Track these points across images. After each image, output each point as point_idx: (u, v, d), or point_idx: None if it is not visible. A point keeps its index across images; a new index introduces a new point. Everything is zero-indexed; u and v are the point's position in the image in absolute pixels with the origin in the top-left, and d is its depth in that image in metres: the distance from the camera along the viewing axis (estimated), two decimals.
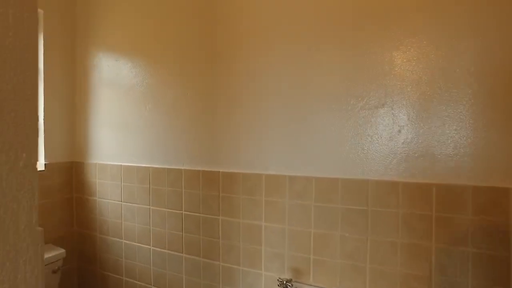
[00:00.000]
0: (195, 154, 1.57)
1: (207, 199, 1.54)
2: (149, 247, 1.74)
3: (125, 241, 1.83)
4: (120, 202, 1.82)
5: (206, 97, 1.54)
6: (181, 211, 1.62)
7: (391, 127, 1.20)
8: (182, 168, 1.60)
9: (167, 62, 1.64)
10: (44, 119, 1.88)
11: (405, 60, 1.17)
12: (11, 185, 0.56)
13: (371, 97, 1.22)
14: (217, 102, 1.51)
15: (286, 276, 1.37)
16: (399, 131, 1.18)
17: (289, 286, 1.25)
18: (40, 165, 1.91)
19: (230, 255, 1.51)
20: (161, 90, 1.66)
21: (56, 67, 1.93)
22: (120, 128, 1.81)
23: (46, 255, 1.73)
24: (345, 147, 1.26)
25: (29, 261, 0.60)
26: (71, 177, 2.02)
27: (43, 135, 1.89)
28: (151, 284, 1.76)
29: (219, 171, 1.51)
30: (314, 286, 1.33)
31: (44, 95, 1.88)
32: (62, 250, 1.80)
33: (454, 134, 1.11)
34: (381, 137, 1.21)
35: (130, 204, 1.78)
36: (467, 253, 1.09)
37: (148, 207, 1.72)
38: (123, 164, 1.80)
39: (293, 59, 1.35)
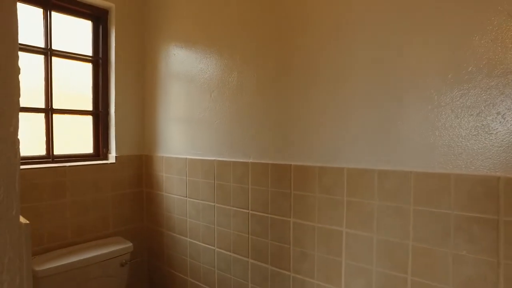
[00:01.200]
0: (264, 145, 1.36)
1: (276, 197, 1.32)
2: (213, 248, 1.58)
3: (190, 239, 1.70)
4: (185, 198, 1.71)
5: (275, 80, 1.32)
6: (248, 210, 1.42)
7: None
8: (249, 161, 1.41)
9: (233, 47, 1.48)
10: (115, 112, 1.88)
11: None
12: None
13: (501, 60, 0.86)
14: (288, 84, 1.28)
15: None
16: None
17: None
18: (111, 157, 1.91)
19: (303, 265, 1.25)
20: (226, 76, 1.50)
21: (127, 60, 1.93)
22: (185, 120, 1.71)
23: (114, 248, 1.69)
24: (459, 130, 0.92)
25: (7, 268, 0.44)
26: (141, 171, 1.99)
27: (114, 128, 1.89)
28: None
29: (291, 164, 1.27)
30: None
31: (115, 89, 1.88)
32: (130, 244, 1.75)
33: None
34: None
35: (195, 200, 1.65)
36: None
37: (213, 204, 1.56)
38: (188, 157, 1.69)
39: (379, 22, 1.06)
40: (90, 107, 1.91)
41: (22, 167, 1.51)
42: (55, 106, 1.74)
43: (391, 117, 1.04)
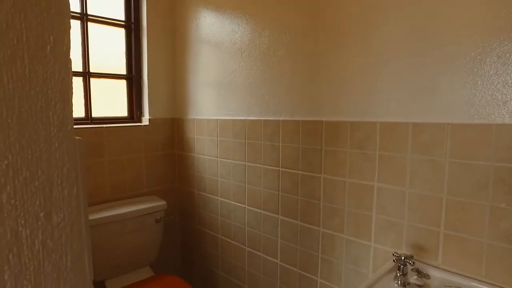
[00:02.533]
0: (294, 102, 1.36)
1: (307, 153, 1.33)
2: (244, 206, 1.63)
3: (220, 198, 1.76)
4: (216, 158, 1.75)
5: (306, 36, 1.30)
6: (278, 168, 1.44)
7: None
8: (280, 119, 1.41)
9: (264, 6, 1.45)
10: (147, 76, 1.93)
11: None
12: (37, 73, 0.44)
13: None
14: (319, 40, 1.26)
15: (404, 251, 1.07)
16: None
17: (409, 263, 0.96)
18: (145, 120, 1.97)
19: (333, 220, 1.27)
20: (257, 35, 1.48)
21: (158, 25, 1.95)
22: (216, 81, 1.72)
23: (149, 205, 1.78)
24: (505, 77, 0.88)
25: (66, 178, 0.48)
26: (173, 133, 2.05)
27: (146, 92, 1.94)
28: (245, 246, 1.65)
29: (322, 120, 1.27)
30: (444, 270, 1.01)
31: (147, 53, 1.92)
32: (164, 202, 1.84)
33: None
34: None
35: (226, 160, 1.69)
36: None
37: (244, 163, 1.60)
38: (219, 118, 1.72)
39: None
40: (123, 72, 1.96)
41: None
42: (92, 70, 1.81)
43: (427, 67, 1.00)
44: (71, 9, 1.72)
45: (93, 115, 1.83)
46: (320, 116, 1.27)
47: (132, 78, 1.97)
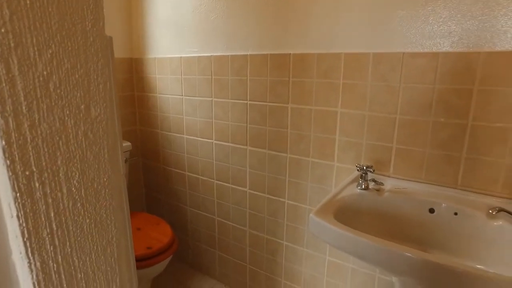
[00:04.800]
0: (262, 37, 1.40)
1: (275, 86, 1.41)
2: (211, 141, 1.70)
3: (186, 136, 1.80)
4: (181, 97, 1.77)
5: None
6: (246, 101, 1.51)
7: None
8: (248, 53, 1.46)
9: None
10: None
11: None
12: None
13: None
14: None
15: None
16: None
17: (370, 171, 1.14)
18: None
19: (299, 146, 1.41)
20: None
21: None
22: (179, 17, 1.68)
23: None
24: (447, 10, 1.02)
25: (101, 73, 0.51)
26: (132, 74, 1.99)
27: None
28: (213, 179, 1.75)
29: (290, 53, 1.34)
30: (395, 177, 1.21)
31: None
32: (128, 143, 1.83)
33: None
34: None
35: (191, 97, 1.72)
36: None
37: (210, 99, 1.64)
38: (183, 56, 1.70)
39: None
40: None
41: None
42: None
43: (387, 1, 1.11)
44: None
45: None
46: (287, 49, 1.35)
47: None
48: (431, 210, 1.07)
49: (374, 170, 1.15)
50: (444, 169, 1.12)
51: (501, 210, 0.93)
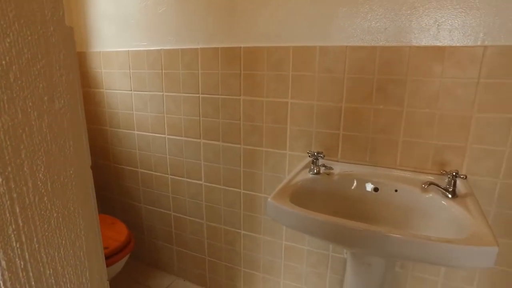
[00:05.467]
0: (212, 30, 1.42)
1: (227, 79, 1.44)
2: (164, 136, 1.68)
3: (137, 132, 1.76)
4: (130, 92, 1.72)
5: None
6: (198, 95, 1.52)
7: None
8: (198, 47, 1.46)
9: None
10: None
11: None
12: None
13: None
14: None
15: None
16: None
17: (321, 157, 1.22)
18: None
19: (252, 137, 1.45)
20: None
21: None
22: (125, 10, 1.62)
23: None
24: (383, 8, 1.13)
25: (63, 64, 0.50)
26: None
27: None
28: (168, 174, 1.74)
29: (240, 47, 1.38)
30: (343, 162, 1.31)
31: None
32: None
33: None
34: None
35: (141, 92, 1.68)
36: None
37: (161, 93, 1.62)
38: (130, 49, 1.65)
39: None
40: None
41: None
42: None
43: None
44: None
45: None
46: (238, 42, 1.38)
47: None
48: (375, 189, 1.18)
49: (324, 156, 1.23)
50: (385, 151, 1.24)
51: (431, 183, 1.07)
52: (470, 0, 1.03)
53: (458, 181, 1.08)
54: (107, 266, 1.35)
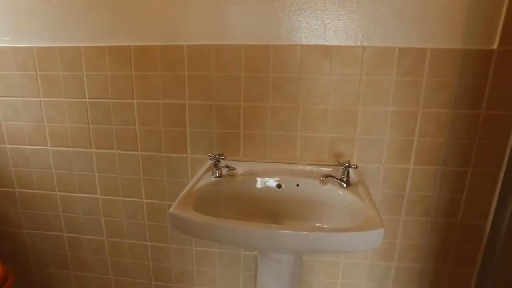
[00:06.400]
0: (97, 26, 1.26)
1: (116, 80, 1.30)
2: (46, 147, 1.45)
3: (9, 145, 1.48)
4: None
5: None
6: (85, 99, 1.35)
7: None
8: (81, 45, 1.29)
9: None
10: None
11: None
12: None
13: None
14: None
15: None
16: None
17: (222, 159, 1.19)
18: None
19: (150, 142, 1.35)
20: None
21: None
22: None
23: None
24: (284, 9, 1.15)
25: None
26: None
27: None
28: (55, 191, 1.51)
29: (130, 45, 1.26)
30: (245, 161, 1.31)
31: None
32: None
33: None
34: None
35: (11, 98, 1.41)
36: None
37: (39, 99, 1.39)
38: None
39: None
40: None
41: None
42: None
43: None
44: None
45: None
46: (127, 41, 1.26)
47: None
48: (278, 186, 1.21)
49: (225, 158, 1.21)
50: (285, 147, 1.28)
51: (328, 176, 1.13)
52: (349, 4, 1.11)
53: (351, 171, 1.16)
54: None
